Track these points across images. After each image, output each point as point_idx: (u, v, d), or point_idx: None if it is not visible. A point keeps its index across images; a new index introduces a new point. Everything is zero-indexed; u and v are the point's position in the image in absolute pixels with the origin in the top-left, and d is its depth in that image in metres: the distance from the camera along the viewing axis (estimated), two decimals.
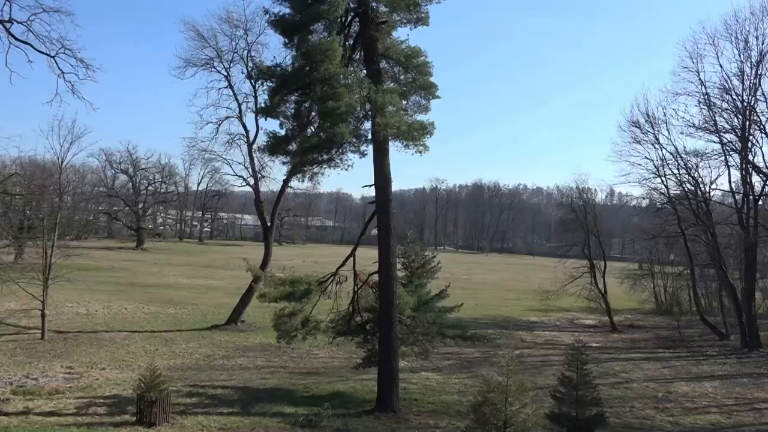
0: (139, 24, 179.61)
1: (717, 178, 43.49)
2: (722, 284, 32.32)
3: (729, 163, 30.85)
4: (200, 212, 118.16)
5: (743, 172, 30.36)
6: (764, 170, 30.29)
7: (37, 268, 24.57)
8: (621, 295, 41.72)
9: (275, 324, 17.19)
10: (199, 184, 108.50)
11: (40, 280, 24.05)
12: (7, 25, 12.66)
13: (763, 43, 28.53)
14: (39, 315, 24.05)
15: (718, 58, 29.75)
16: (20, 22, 12.80)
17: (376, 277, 17.00)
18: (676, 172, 32.24)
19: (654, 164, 32.65)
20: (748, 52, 28.92)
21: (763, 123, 29.78)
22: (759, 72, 28.81)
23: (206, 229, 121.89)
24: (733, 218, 31.40)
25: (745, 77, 29.11)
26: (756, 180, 31.09)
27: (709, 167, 32.09)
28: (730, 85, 29.62)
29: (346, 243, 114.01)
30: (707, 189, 31.87)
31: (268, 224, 32.09)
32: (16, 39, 12.88)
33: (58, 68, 13.21)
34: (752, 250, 29.74)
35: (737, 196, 30.81)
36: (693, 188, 31.72)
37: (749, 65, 28.97)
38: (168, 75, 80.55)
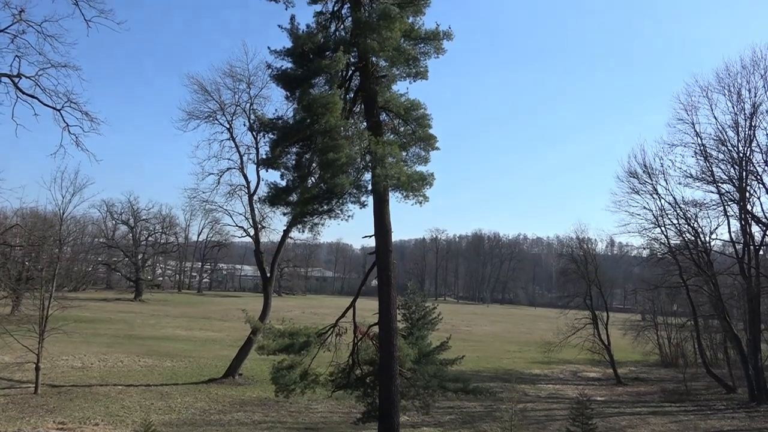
0: (143, 77, 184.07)
1: (717, 228, 43.71)
2: (727, 336, 31.92)
3: (728, 213, 31.01)
4: (200, 263, 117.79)
5: (742, 222, 30.43)
6: (763, 220, 30.36)
7: (33, 320, 24.27)
8: (625, 346, 41.13)
9: (273, 377, 16.85)
10: (199, 235, 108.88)
11: (36, 333, 23.73)
12: (16, 79, 12.95)
13: (755, 96, 29.11)
14: (33, 368, 23.60)
15: (712, 110, 30.35)
16: (28, 77, 13.10)
17: (376, 329, 16.77)
18: (675, 222, 32.36)
19: (653, 214, 32.83)
20: (742, 104, 29.47)
21: (760, 173, 30.07)
22: (753, 123, 29.30)
23: (205, 280, 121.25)
24: (734, 268, 31.27)
25: (740, 129, 29.59)
26: (756, 230, 31.17)
27: (708, 217, 32.27)
28: (726, 136, 30.07)
29: (346, 294, 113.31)
30: (707, 239, 31.91)
31: (268, 275, 31.93)
32: (24, 93, 13.14)
33: (64, 121, 13.42)
34: (755, 300, 29.50)
35: (738, 246, 30.79)
36: (693, 238, 31.72)
37: (743, 117, 29.48)
38: (170, 127, 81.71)
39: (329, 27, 17.38)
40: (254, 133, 30.86)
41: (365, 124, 16.88)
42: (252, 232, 32.67)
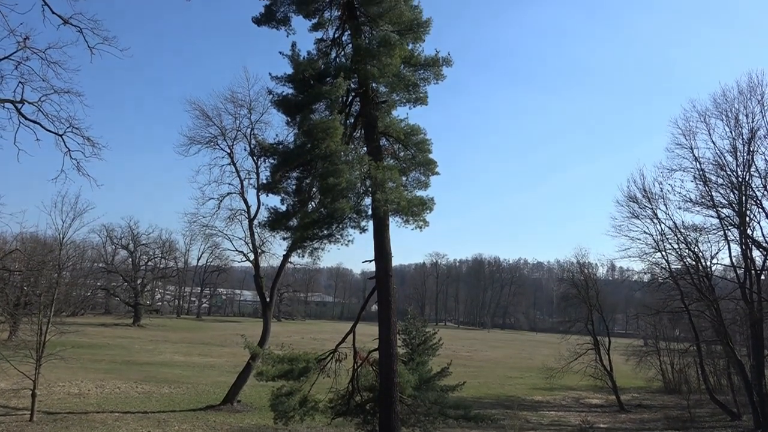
0: (144, 102, 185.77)
1: (717, 253, 43.64)
2: (730, 361, 31.60)
3: (728, 238, 30.86)
4: (199, 288, 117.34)
5: (743, 247, 30.33)
6: (764, 245, 30.27)
7: (30, 346, 24.05)
8: (627, 372, 40.74)
9: (272, 404, 16.66)
10: (198, 260, 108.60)
11: (33, 359, 23.50)
12: (19, 105, 13.04)
13: (753, 121, 29.23)
14: (29, 395, 23.33)
15: (710, 135, 30.42)
16: (31, 103, 13.19)
17: (376, 355, 16.64)
18: (676, 246, 32.21)
19: (653, 239, 32.71)
20: (739, 129, 29.57)
21: (759, 198, 30.06)
22: (751, 149, 29.34)
23: (204, 305, 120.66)
24: (736, 293, 31.07)
25: (738, 153, 29.63)
26: (756, 254, 31.03)
27: (709, 242, 32.03)
28: (724, 161, 30.09)
29: (346, 319, 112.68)
30: (708, 264, 31.70)
31: (267, 300, 31.76)
32: (27, 119, 13.22)
33: (65, 146, 13.47)
34: (758, 325, 29.26)
35: (739, 271, 30.63)
36: (694, 263, 31.57)
37: (741, 142, 29.54)
38: (171, 152, 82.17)
39: (330, 53, 17.63)
40: (255, 158, 31.02)
41: (365, 149, 16.99)
42: (252, 256, 32.59)
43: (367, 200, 16.61)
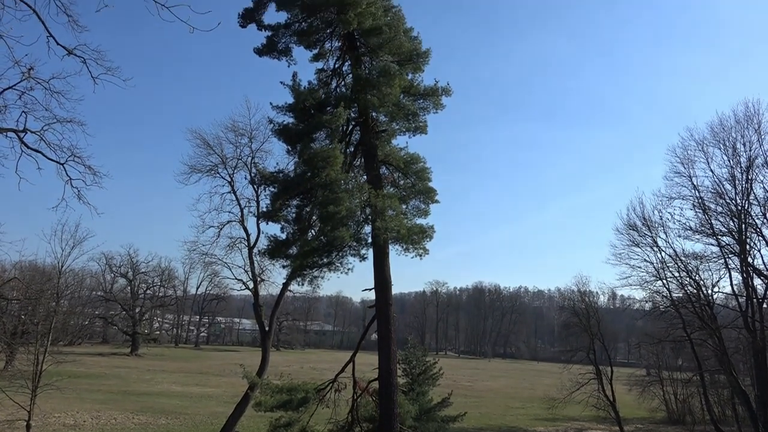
0: (144, 131, 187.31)
1: (718, 281, 43.41)
2: (734, 391, 31.23)
3: (729, 266, 30.74)
4: (198, 316, 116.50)
5: (744, 275, 30.19)
6: (765, 273, 30.13)
7: (26, 376, 23.80)
8: (630, 402, 40.21)
9: None
10: (198, 288, 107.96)
11: (29, 389, 23.22)
12: (21, 134, 13.11)
13: (750, 150, 29.38)
14: (24, 426, 22.99)
15: (708, 163, 30.55)
16: (34, 132, 13.26)
17: (376, 385, 16.46)
18: (677, 274, 32.05)
19: (654, 267, 32.59)
20: (737, 158, 29.70)
21: (759, 226, 30.03)
22: (750, 177, 29.42)
23: (203, 333, 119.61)
24: (738, 322, 30.84)
25: (737, 182, 29.70)
26: (758, 282, 30.86)
27: (710, 270, 31.88)
28: (723, 189, 30.14)
29: (346, 348, 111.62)
30: (710, 292, 31.51)
31: (267, 329, 31.52)
32: (29, 148, 13.28)
33: (66, 174, 13.47)
34: (761, 354, 28.98)
35: (741, 299, 30.44)
36: (695, 291, 31.39)
37: (739, 170, 29.64)
38: (171, 180, 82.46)
39: (330, 83, 17.84)
40: (255, 187, 31.14)
41: (365, 177, 17.07)
42: (251, 285, 32.45)
43: (367, 228, 16.63)
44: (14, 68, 11.34)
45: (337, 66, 18.10)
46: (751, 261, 30.14)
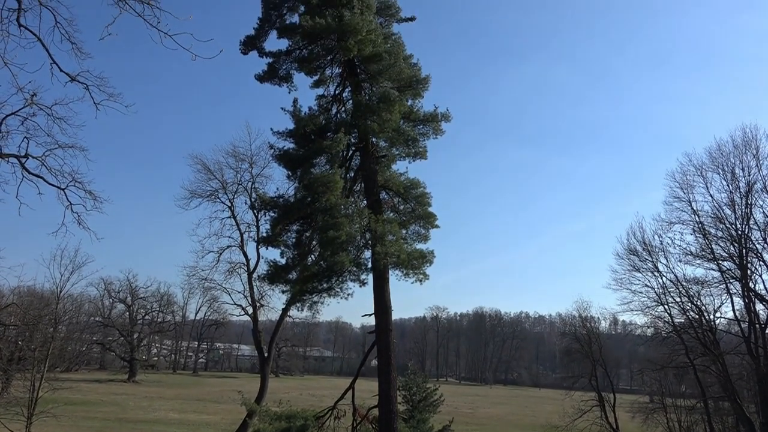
0: (144, 155, 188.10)
1: (720, 306, 43.20)
2: (739, 419, 30.79)
3: (731, 291, 30.50)
4: (196, 342, 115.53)
5: (746, 300, 30.01)
6: (767, 298, 29.97)
7: (22, 403, 23.54)
8: (634, 430, 39.67)
9: None
10: (197, 313, 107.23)
11: (24, 416, 22.94)
12: (23, 160, 13.18)
13: (749, 175, 29.43)
14: None
15: (707, 188, 30.58)
16: (35, 157, 13.34)
17: (376, 412, 16.25)
18: (678, 299, 31.83)
19: (655, 292, 32.39)
20: (736, 182, 29.73)
21: (760, 251, 29.93)
22: (749, 201, 29.42)
23: (201, 359, 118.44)
24: (741, 347, 30.55)
25: (737, 206, 29.70)
26: (760, 308, 30.62)
27: (711, 295, 31.63)
28: (723, 214, 30.12)
29: (345, 374, 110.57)
30: (712, 317, 31.25)
31: (266, 354, 31.30)
32: (30, 173, 13.34)
33: (67, 200, 13.51)
34: (765, 381, 28.65)
35: (743, 325, 30.21)
36: (697, 316, 31.16)
37: (738, 195, 29.64)
38: (171, 205, 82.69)
39: (330, 109, 17.98)
40: (255, 212, 31.27)
41: (365, 202, 17.10)
42: (250, 310, 32.36)
43: (367, 253, 16.61)
44: (17, 94, 11.44)
45: (337, 92, 18.27)
46: (753, 286, 29.98)
